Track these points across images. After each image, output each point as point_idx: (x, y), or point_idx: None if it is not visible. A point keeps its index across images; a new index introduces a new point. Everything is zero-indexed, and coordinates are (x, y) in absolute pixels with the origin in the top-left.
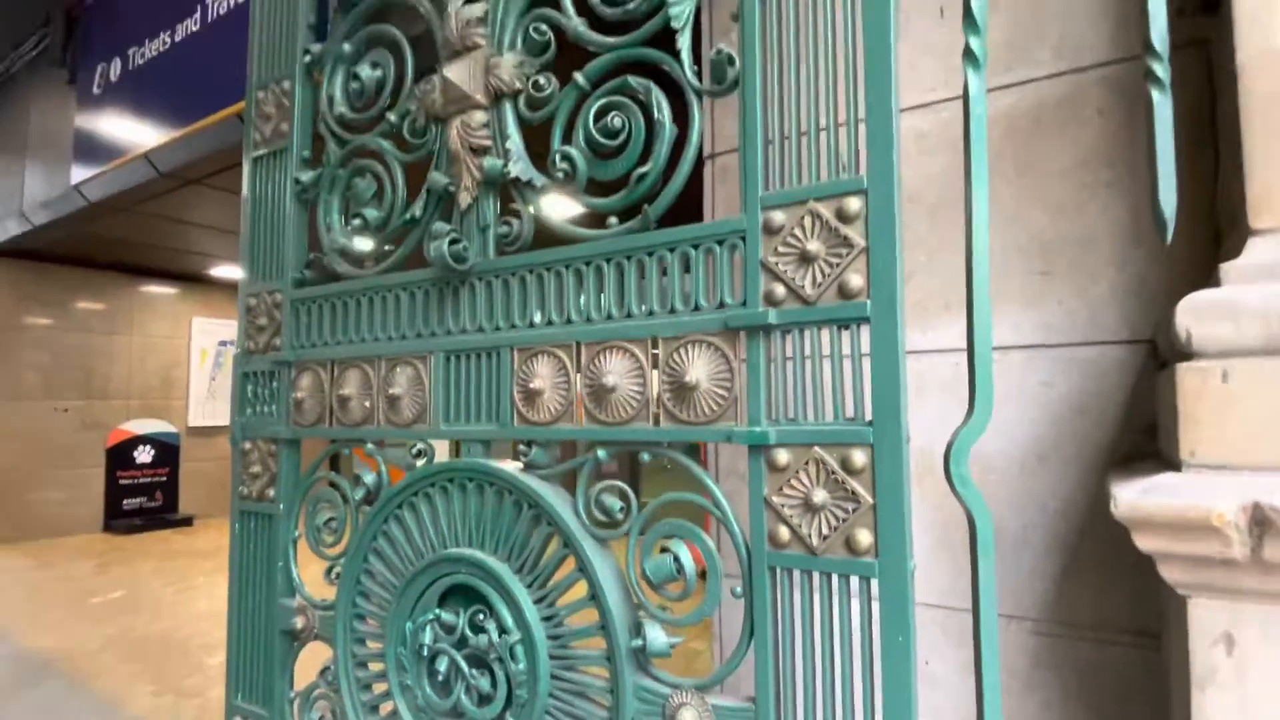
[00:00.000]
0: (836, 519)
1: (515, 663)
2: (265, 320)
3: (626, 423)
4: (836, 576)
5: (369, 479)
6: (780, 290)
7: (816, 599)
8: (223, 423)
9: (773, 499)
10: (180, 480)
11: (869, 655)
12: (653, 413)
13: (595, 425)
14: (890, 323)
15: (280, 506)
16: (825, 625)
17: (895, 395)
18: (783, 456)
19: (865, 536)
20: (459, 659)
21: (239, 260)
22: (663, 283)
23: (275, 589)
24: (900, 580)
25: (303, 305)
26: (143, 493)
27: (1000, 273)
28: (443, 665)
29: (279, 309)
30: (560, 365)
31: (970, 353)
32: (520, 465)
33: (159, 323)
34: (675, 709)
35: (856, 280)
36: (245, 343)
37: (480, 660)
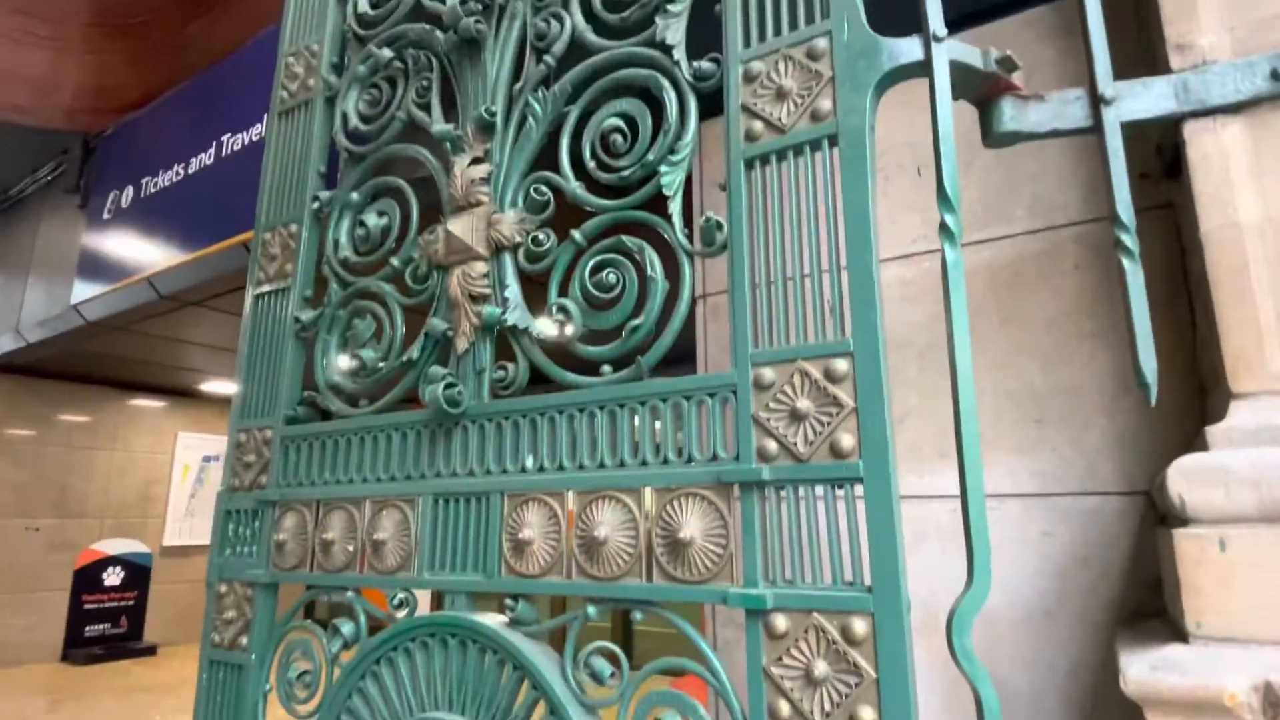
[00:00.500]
0: (839, 694)
1: None
2: (253, 457)
3: (618, 578)
4: None
5: (347, 629)
6: (773, 446)
7: None
8: (200, 541)
9: (772, 670)
10: (149, 604)
11: None
12: (645, 568)
13: (586, 580)
14: (884, 485)
15: (252, 657)
16: None
17: (894, 561)
18: (781, 623)
19: (869, 714)
20: None
21: (233, 391)
22: (656, 432)
23: None
24: None
25: (293, 443)
26: (107, 618)
27: (992, 420)
28: None
29: (268, 445)
30: (551, 514)
31: (965, 520)
32: (505, 620)
33: (142, 437)
34: None
35: (848, 440)
36: (231, 479)
37: None
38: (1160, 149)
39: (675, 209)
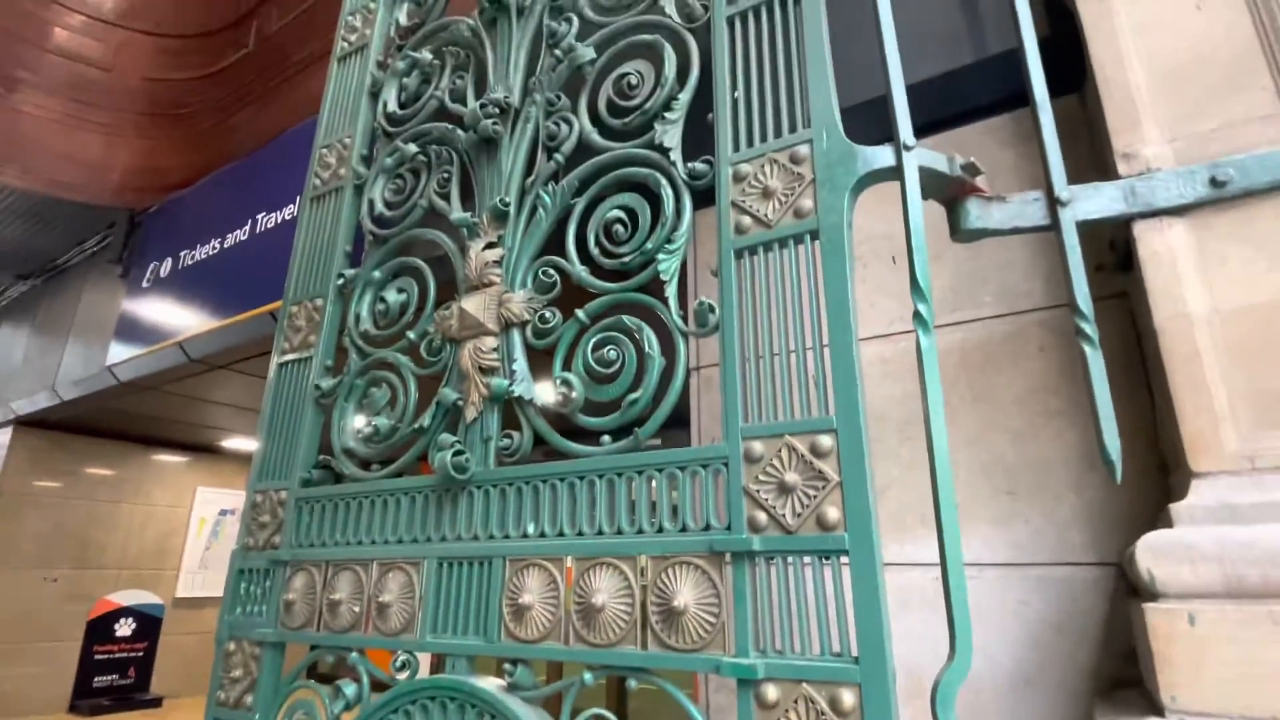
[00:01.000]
0: None
1: None
2: (268, 517)
3: (614, 644)
4: None
5: (349, 690)
6: (763, 517)
7: None
8: (212, 594)
9: None
10: (157, 656)
11: None
12: (640, 636)
13: (583, 646)
14: (868, 558)
15: (256, 716)
16: None
17: (879, 632)
18: (772, 693)
19: None
20: None
21: (253, 448)
22: (652, 500)
23: None
24: None
25: (306, 504)
26: (116, 669)
27: (968, 492)
28: None
29: (283, 506)
30: (550, 579)
31: (947, 596)
32: (504, 684)
33: (163, 491)
34: None
35: (833, 513)
36: (245, 539)
37: None
38: (1113, 244)
39: (671, 292)
